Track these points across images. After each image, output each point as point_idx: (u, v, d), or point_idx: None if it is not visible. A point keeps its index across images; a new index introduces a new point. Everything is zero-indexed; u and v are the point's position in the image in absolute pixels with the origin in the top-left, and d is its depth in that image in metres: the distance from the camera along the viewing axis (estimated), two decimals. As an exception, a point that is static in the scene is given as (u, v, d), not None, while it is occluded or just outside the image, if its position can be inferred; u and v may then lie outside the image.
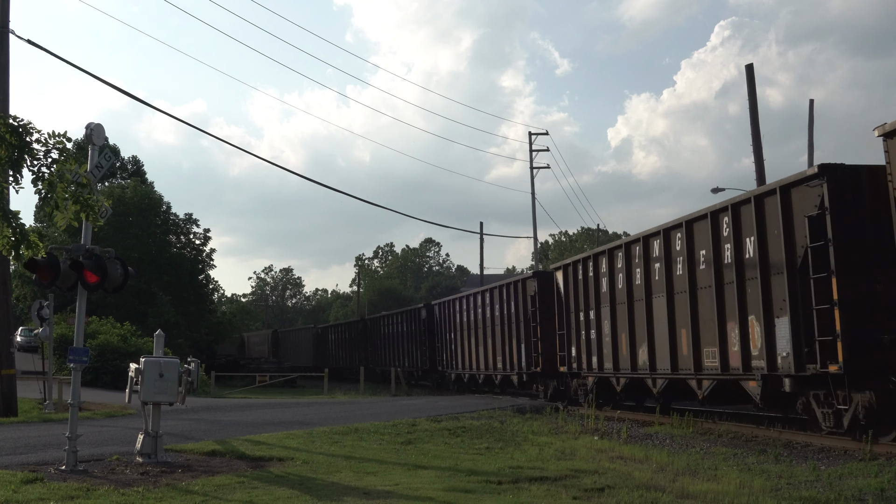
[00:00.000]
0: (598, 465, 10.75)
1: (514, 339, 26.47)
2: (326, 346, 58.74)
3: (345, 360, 52.93)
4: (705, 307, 15.52)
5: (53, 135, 8.14)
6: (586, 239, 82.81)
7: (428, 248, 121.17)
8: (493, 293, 28.76)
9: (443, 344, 35.23)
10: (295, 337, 69.13)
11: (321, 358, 58.57)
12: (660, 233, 17.12)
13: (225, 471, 10.30)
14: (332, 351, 57.08)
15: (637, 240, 18.38)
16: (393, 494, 8.50)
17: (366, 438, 13.98)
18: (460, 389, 33.05)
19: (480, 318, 30.08)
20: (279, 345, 70.08)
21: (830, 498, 8.39)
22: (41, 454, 11.77)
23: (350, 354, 51.86)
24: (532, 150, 48.70)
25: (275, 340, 71.26)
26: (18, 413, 18.24)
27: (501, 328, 27.74)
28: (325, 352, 58.59)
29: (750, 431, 14.89)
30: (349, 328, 53.66)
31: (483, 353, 29.59)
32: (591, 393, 20.70)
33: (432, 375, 37.33)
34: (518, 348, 26.17)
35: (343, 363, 53.10)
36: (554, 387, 24.18)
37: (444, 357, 35.10)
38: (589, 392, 20.85)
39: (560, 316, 22.52)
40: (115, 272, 10.94)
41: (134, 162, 62.52)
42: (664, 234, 16.96)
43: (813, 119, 32.79)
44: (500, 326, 27.89)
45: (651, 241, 17.68)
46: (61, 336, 30.28)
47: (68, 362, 11.42)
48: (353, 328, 52.09)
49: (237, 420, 18.07)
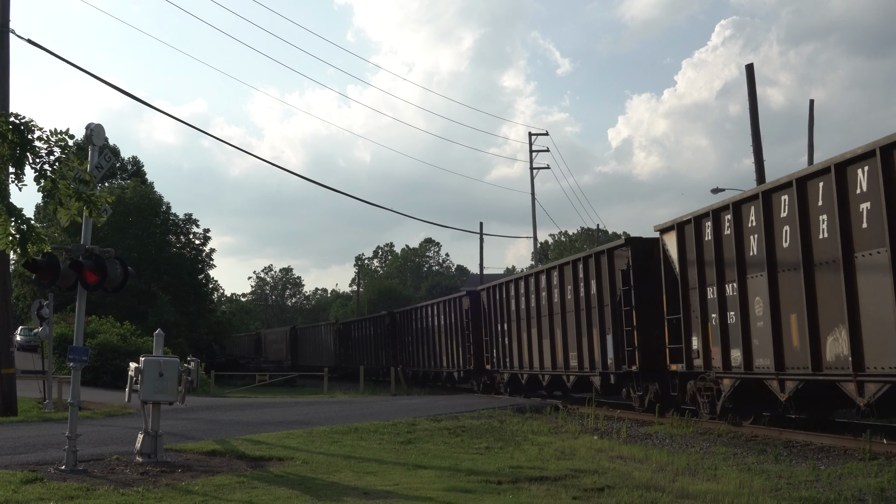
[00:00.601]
0: (597, 464, 10.75)
1: (597, 329, 20.84)
2: (350, 344, 53.17)
3: (372, 360, 47.25)
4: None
5: (55, 132, 8.16)
6: (586, 239, 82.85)
7: (427, 248, 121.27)
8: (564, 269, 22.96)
9: (491, 338, 29.45)
10: (315, 334, 62.33)
11: (345, 357, 53.79)
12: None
13: (225, 470, 10.29)
14: (357, 349, 51.43)
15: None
16: (393, 494, 8.49)
17: (365, 438, 13.97)
18: (514, 393, 27.62)
19: (546, 304, 24.14)
20: (297, 343, 65.18)
21: (830, 498, 8.39)
22: (41, 454, 11.76)
23: (378, 353, 46.79)
24: (532, 150, 48.74)
25: (293, 338, 65.97)
26: (18, 412, 18.24)
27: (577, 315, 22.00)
28: (348, 350, 53.31)
29: (749, 431, 14.88)
30: (375, 324, 47.86)
31: (549, 347, 23.93)
32: (719, 401, 15.73)
33: (477, 376, 31.86)
34: (602, 341, 20.59)
35: (370, 363, 47.05)
36: (655, 391, 18.61)
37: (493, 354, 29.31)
38: (723, 399, 15.65)
39: (670, 295, 17.49)
40: (115, 272, 10.93)
41: (134, 162, 62.61)
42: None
43: (813, 119, 32.77)
44: (573, 313, 22.20)
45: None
46: (61, 335, 30.28)
47: (68, 362, 11.41)
48: (380, 323, 46.68)
49: (237, 419, 18.07)
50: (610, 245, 20.72)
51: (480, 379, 31.48)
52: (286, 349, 65.00)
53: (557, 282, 23.37)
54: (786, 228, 13.57)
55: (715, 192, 33.88)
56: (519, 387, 27.29)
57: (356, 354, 51.07)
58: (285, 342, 66.34)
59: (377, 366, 46.00)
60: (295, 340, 65.50)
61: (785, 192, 13.57)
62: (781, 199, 13.67)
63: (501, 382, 28.80)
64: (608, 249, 20.47)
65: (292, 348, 64.55)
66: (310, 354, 61.14)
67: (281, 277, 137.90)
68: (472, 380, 32.72)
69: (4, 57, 18.24)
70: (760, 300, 14.33)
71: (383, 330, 45.47)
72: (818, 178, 12.75)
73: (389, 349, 44.08)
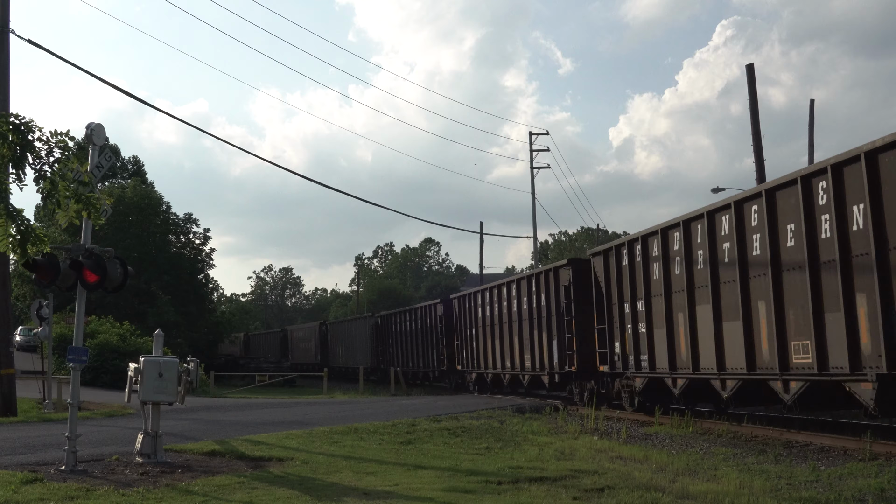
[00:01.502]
0: (597, 465, 10.75)
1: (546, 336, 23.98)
2: (391, 341, 45.29)
3: (417, 360, 40.13)
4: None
5: (55, 133, 8.15)
6: (586, 239, 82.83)
7: (427, 248, 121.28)
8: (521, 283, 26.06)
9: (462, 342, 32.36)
10: (347, 330, 53.38)
11: (382, 356, 45.17)
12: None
13: (225, 471, 10.29)
14: (399, 347, 42.39)
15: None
16: (393, 495, 8.49)
17: (365, 438, 13.97)
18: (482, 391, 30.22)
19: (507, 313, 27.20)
20: (328, 340, 56.87)
21: (830, 498, 8.39)
22: (41, 454, 11.76)
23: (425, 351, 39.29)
24: (532, 150, 48.75)
25: (322, 336, 57.77)
26: (18, 413, 18.23)
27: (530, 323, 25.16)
28: (387, 348, 45.60)
29: (750, 431, 14.89)
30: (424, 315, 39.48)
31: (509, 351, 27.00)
32: (636, 396, 18.71)
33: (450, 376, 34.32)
34: (549, 346, 23.65)
35: (415, 363, 40.07)
36: (591, 388, 21.55)
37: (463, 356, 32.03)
38: (635, 395, 18.82)
39: (599, 308, 20.40)
40: (115, 272, 10.93)
41: (134, 162, 62.61)
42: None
43: (813, 119, 32.81)
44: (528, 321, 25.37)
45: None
46: (60, 335, 30.31)
47: (68, 362, 11.41)
48: (430, 314, 38.08)
49: (237, 420, 18.06)
50: (556, 264, 24.07)
51: (453, 378, 34.35)
52: (315, 348, 58.58)
53: (516, 294, 26.52)
54: (677, 258, 16.86)
55: (715, 191, 33.88)
56: (485, 385, 30.25)
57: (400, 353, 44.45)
58: (314, 340, 59.35)
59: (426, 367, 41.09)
60: (325, 338, 57.55)
61: (676, 230, 16.88)
62: (673, 236, 17.02)
63: (470, 381, 31.78)
64: (554, 268, 23.76)
65: (321, 347, 57.30)
66: (342, 354, 53.51)
67: (281, 277, 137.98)
68: (446, 379, 35.42)
69: (4, 57, 18.24)
70: (661, 315, 17.46)
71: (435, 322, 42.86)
72: (697, 221, 16.07)
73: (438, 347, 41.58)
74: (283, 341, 69.33)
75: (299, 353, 62.86)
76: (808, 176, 12.92)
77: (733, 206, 14.81)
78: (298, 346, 64.16)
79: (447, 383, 35.34)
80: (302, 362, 59.30)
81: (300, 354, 62.33)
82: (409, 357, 39.89)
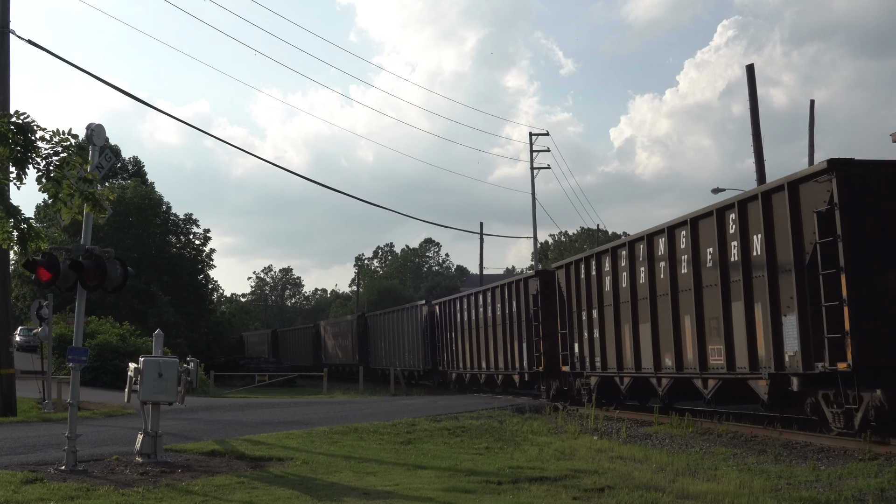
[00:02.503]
0: (597, 465, 10.75)
1: (517, 339, 26.17)
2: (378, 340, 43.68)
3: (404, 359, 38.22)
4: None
5: (58, 132, 8.17)
6: (586, 239, 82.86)
7: (427, 249, 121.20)
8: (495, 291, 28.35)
9: (443, 344, 34.67)
10: (391, 324, 42.52)
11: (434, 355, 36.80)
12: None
13: (225, 471, 10.29)
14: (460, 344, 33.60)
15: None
16: (393, 495, 8.49)
17: (365, 438, 13.97)
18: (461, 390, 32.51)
19: (483, 318, 29.55)
20: (368, 335, 47.43)
21: (830, 498, 8.40)
22: (41, 454, 11.76)
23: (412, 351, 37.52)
24: (532, 150, 48.77)
25: (362, 329, 47.88)
26: (17, 413, 18.24)
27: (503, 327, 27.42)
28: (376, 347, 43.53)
29: (750, 431, 14.90)
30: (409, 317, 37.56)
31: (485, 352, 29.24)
32: (593, 392, 20.79)
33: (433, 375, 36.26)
34: (520, 348, 25.82)
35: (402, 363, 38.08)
36: (556, 387, 23.78)
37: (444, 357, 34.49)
38: (592, 392, 20.97)
39: (562, 315, 22.59)
40: (115, 272, 10.93)
41: (134, 162, 62.60)
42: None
43: (813, 120, 32.82)
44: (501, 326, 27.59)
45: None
46: (60, 336, 30.28)
47: (67, 362, 11.41)
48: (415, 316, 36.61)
49: (236, 420, 18.07)
50: (525, 275, 26.91)
51: (435, 377, 36.24)
52: (353, 345, 49.08)
53: (491, 301, 28.75)
54: (623, 274, 18.98)
55: (715, 191, 33.89)
56: (464, 384, 32.58)
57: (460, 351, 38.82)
58: (351, 336, 49.67)
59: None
60: (364, 332, 47.59)
61: (623, 248, 19.12)
62: (621, 254, 19.18)
63: (451, 380, 33.98)
64: (524, 278, 26.13)
65: (362, 344, 47.70)
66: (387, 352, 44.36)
67: (280, 278, 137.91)
68: (429, 378, 37.05)
69: (5, 57, 18.24)
70: (611, 322, 19.56)
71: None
72: (639, 242, 18.30)
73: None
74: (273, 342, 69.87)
75: (295, 352, 63.56)
76: (722, 209, 15.09)
77: (667, 231, 16.97)
78: (295, 347, 64.95)
79: (431, 382, 36.79)
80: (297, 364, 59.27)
81: (295, 355, 62.85)
82: (395, 356, 41.05)
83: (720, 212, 15.10)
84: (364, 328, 47.70)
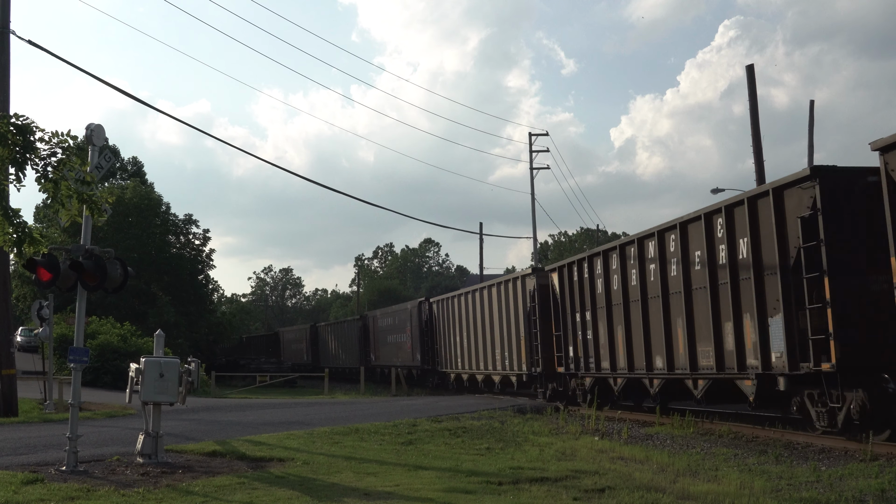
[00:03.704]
0: (598, 465, 10.75)
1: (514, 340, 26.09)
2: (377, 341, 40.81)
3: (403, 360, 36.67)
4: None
5: (56, 134, 8.17)
6: (586, 239, 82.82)
7: (427, 249, 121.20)
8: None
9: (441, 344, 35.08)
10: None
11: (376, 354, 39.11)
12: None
13: (225, 471, 10.30)
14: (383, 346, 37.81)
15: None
16: (393, 495, 8.49)
17: (366, 439, 13.97)
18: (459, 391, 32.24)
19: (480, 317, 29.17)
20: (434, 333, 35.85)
21: (831, 499, 8.39)
22: (41, 454, 11.77)
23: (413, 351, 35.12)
24: (532, 150, 48.75)
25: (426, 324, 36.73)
26: (19, 413, 18.24)
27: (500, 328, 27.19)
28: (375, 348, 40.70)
29: (750, 432, 14.90)
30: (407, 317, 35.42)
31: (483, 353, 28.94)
32: (588, 394, 21.04)
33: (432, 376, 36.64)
34: (518, 349, 25.75)
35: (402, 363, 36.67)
36: (553, 387, 23.80)
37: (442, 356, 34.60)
38: (587, 393, 21.23)
39: (557, 317, 22.71)
40: (115, 272, 10.93)
41: (134, 163, 62.60)
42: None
43: (813, 120, 32.76)
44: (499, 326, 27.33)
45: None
46: (61, 336, 30.26)
47: (68, 362, 11.42)
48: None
49: (237, 420, 18.07)
50: (522, 273, 26.05)
51: (434, 379, 35.85)
52: (413, 342, 38.51)
53: (487, 300, 28.44)
54: (615, 276, 19.26)
55: (715, 192, 33.89)
56: (462, 385, 32.12)
57: None
58: (410, 330, 39.06)
59: None
60: (430, 328, 36.45)
61: (614, 252, 19.39)
62: (612, 257, 19.45)
63: (450, 381, 33.63)
64: (522, 276, 25.66)
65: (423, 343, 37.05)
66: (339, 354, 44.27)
67: (281, 278, 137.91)
68: (429, 379, 36.56)
69: (5, 57, 18.23)
70: (604, 324, 19.84)
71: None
72: (630, 246, 18.60)
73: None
74: (275, 342, 70.40)
75: (292, 353, 64.31)
76: (710, 213, 15.35)
77: (657, 235, 17.24)
78: (291, 347, 65.90)
79: (430, 383, 36.26)
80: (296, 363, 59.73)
81: (293, 355, 63.48)
82: (395, 356, 40.99)
83: (708, 216, 15.42)
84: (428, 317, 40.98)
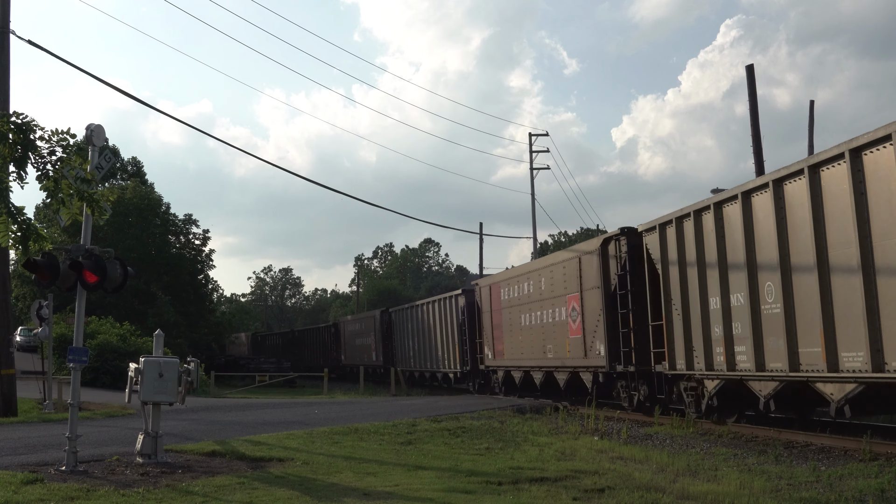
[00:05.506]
0: (598, 465, 10.75)
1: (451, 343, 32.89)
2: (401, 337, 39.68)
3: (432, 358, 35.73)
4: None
5: (57, 132, 8.16)
6: (585, 239, 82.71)
7: (427, 249, 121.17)
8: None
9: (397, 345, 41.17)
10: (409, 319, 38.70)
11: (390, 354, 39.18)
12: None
13: (225, 471, 10.29)
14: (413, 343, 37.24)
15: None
16: (393, 495, 8.49)
17: (366, 439, 13.97)
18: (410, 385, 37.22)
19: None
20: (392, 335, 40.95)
21: (831, 499, 8.40)
22: (41, 454, 11.76)
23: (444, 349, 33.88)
24: (532, 151, 48.74)
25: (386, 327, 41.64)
26: (18, 413, 18.22)
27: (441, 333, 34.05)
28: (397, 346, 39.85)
29: (750, 432, 14.89)
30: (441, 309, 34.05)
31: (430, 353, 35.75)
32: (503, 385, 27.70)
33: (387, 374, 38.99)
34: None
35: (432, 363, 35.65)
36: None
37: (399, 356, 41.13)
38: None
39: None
40: (115, 272, 10.92)
41: (134, 163, 62.54)
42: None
43: (813, 120, 32.78)
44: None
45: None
46: (61, 336, 30.25)
47: (68, 362, 11.40)
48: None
49: (237, 420, 18.06)
50: (454, 293, 33.14)
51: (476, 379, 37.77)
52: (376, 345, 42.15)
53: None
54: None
55: (714, 192, 33.82)
56: (413, 380, 38.42)
57: None
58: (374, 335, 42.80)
59: None
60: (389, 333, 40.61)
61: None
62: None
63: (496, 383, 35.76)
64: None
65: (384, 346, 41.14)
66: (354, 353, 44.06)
67: (280, 278, 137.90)
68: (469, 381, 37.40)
69: (4, 57, 18.22)
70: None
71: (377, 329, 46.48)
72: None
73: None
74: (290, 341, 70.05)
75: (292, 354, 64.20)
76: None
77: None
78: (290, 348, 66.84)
79: (470, 386, 31.91)
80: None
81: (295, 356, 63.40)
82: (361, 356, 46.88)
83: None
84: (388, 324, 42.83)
